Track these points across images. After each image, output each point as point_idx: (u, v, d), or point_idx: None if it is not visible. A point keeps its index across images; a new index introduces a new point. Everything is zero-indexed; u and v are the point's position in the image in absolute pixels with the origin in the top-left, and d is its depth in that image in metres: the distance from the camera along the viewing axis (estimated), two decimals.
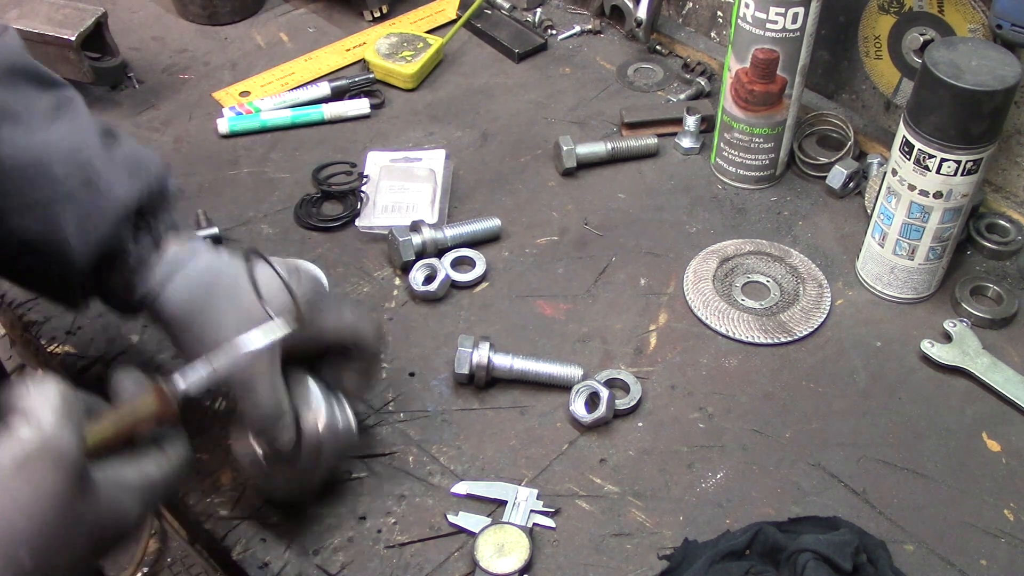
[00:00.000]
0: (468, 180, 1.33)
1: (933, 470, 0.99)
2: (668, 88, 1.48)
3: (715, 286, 1.17)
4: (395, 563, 0.92)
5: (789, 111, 1.25)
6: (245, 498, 0.96)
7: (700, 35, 1.54)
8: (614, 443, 1.02)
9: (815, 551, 0.86)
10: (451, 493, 0.97)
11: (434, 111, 1.44)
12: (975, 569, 0.91)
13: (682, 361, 1.10)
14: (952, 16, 1.17)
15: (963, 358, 1.08)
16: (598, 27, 1.59)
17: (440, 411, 1.05)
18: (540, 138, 1.39)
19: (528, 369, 1.05)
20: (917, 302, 1.16)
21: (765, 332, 1.12)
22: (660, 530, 0.94)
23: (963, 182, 1.04)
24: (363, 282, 1.19)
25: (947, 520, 0.95)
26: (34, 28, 1.34)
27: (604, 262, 1.21)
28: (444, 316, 1.15)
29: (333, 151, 1.37)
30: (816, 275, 1.18)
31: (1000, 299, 1.15)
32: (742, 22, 1.18)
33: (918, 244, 1.10)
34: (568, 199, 1.30)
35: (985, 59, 1.00)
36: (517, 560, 0.90)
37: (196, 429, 1.02)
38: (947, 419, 1.04)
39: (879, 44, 1.26)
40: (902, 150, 1.06)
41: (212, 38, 1.58)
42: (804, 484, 0.98)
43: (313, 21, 1.62)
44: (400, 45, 1.49)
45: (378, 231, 1.24)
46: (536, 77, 1.50)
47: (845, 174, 1.27)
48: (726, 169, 1.31)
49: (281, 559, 0.92)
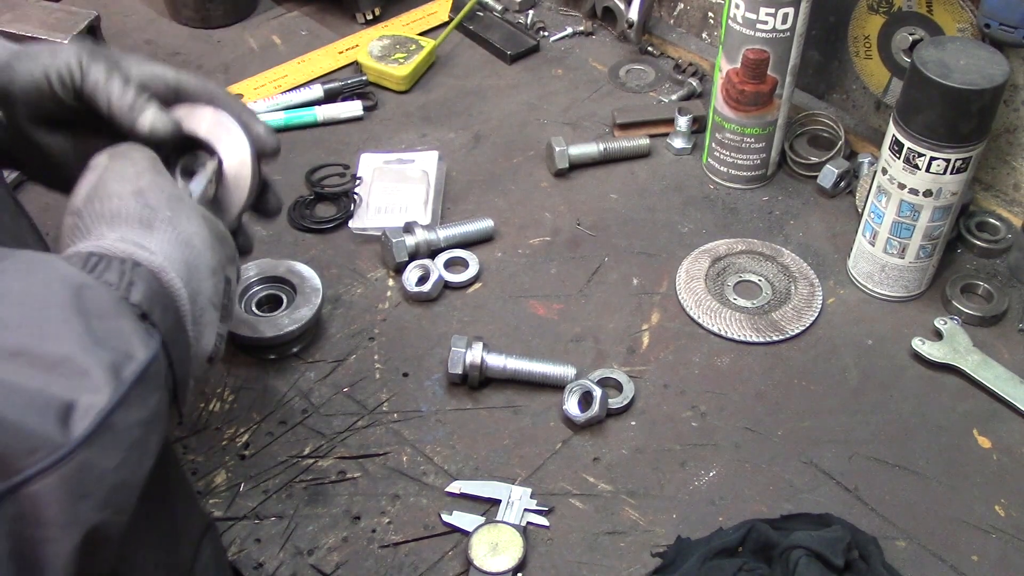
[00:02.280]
0: (461, 181, 1.33)
1: (924, 467, 1.00)
2: (660, 89, 1.48)
3: (707, 285, 1.17)
4: (389, 562, 0.92)
5: (780, 111, 1.25)
6: (240, 499, 0.96)
7: (691, 36, 1.54)
8: (607, 442, 1.02)
9: (807, 548, 0.86)
10: (445, 492, 0.97)
11: (427, 113, 1.44)
12: (966, 565, 0.92)
13: (675, 360, 1.10)
14: (941, 16, 1.18)
15: (954, 356, 1.08)
16: (590, 29, 1.60)
17: (434, 411, 1.05)
18: (532, 139, 1.39)
19: (521, 369, 1.06)
20: (908, 300, 1.17)
21: (757, 331, 1.12)
22: (653, 528, 0.95)
23: (953, 180, 1.05)
24: (357, 283, 1.19)
25: (938, 516, 0.96)
26: (27, 32, 1.34)
27: (597, 262, 1.22)
28: (437, 316, 1.15)
29: (326, 153, 1.37)
30: (807, 274, 1.19)
31: (990, 297, 1.15)
32: (732, 23, 1.19)
33: (908, 242, 1.11)
34: (561, 200, 1.30)
35: (974, 58, 1.01)
36: (511, 559, 0.90)
37: (191, 429, 1.02)
38: (938, 416, 1.05)
39: (869, 44, 1.27)
40: (892, 149, 1.06)
41: (205, 41, 1.58)
42: (796, 481, 0.99)
43: (306, 24, 1.62)
44: (393, 47, 1.50)
45: (371, 232, 1.24)
46: (528, 79, 1.51)
47: (836, 173, 1.27)
48: (718, 169, 1.32)
49: (275, 559, 0.92)
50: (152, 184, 0.68)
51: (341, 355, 1.10)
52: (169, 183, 0.70)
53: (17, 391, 0.51)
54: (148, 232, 0.65)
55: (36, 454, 0.50)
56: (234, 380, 1.08)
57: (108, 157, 0.70)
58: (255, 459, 1.00)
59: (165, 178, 0.70)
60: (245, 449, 1.01)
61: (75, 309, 0.56)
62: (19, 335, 0.53)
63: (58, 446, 0.51)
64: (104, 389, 0.54)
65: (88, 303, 0.56)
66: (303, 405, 1.05)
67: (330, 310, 1.15)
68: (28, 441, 0.50)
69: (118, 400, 0.54)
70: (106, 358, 0.55)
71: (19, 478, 0.49)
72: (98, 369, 0.54)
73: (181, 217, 0.68)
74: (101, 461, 0.53)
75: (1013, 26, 1.07)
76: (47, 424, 0.51)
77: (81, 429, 0.52)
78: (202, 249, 0.68)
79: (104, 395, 0.54)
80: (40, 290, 0.56)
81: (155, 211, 0.67)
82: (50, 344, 0.54)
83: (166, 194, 0.69)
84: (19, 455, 0.50)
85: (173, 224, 0.67)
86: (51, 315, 0.55)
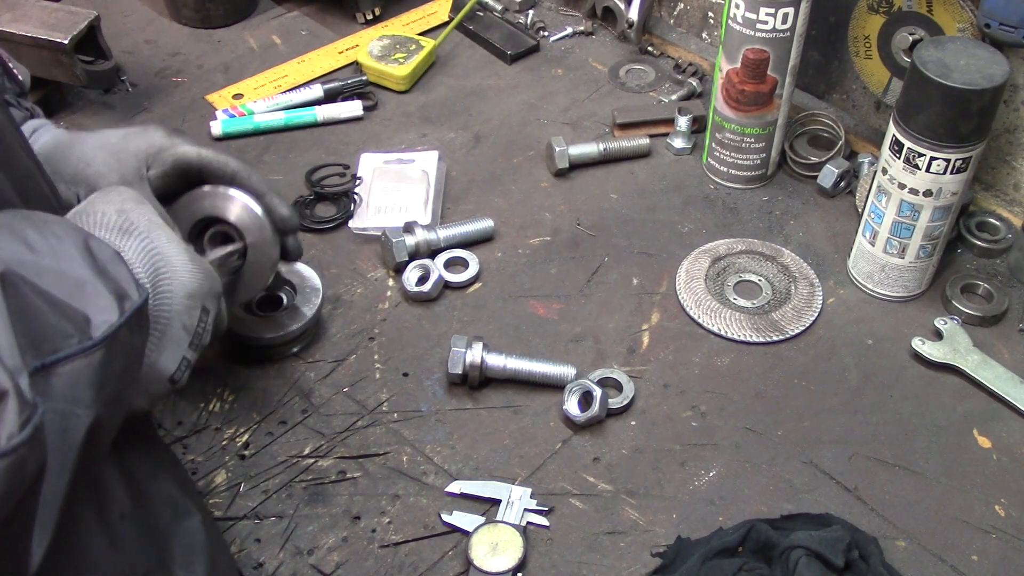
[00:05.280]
0: (461, 181, 1.33)
1: (924, 467, 1.00)
2: (660, 89, 1.48)
3: (707, 285, 1.17)
4: (389, 562, 0.92)
5: (780, 111, 1.25)
6: (240, 499, 0.96)
7: (691, 36, 1.54)
8: (607, 442, 1.02)
9: (807, 548, 0.86)
10: (445, 492, 0.97)
11: (427, 113, 1.44)
12: (966, 565, 0.92)
13: (675, 360, 1.10)
14: (941, 16, 1.18)
15: (954, 355, 1.08)
16: (590, 29, 1.60)
17: (434, 411, 1.05)
18: (533, 139, 1.39)
19: (521, 369, 1.06)
20: (908, 300, 1.17)
21: (757, 331, 1.12)
22: (653, 528, 0.95)
23: (953, 180, 1.05)
24: (357, 283, 1.19)
25: (938, 516, 0.96)
26: (27, 32, 1.34)
27: (597, 262, 1.22)
28: (437, 316, 1.15)
29: (326, 153, 1.37)
30: (808, 274, 1.19)
31: (990, 297, 1.15)
32: (732, 23, 1.19)
33: (908, 242, 1.11)
34: (561, 200, 1.30)
35: (974, 58, 1.01)
36: (511, 559, 0.90)
37: (192, 429, 1.03)
38: (938, 416, 1.05)
39: (869, 44, 1.27)
40: (892, 149, 1.06)
41: (205, 41, 1.58)
42: (796, 481, 0.99)
43: (306, 23, 1.62)
44: (393, 47, 1.50)
45: (371, 232, 1.24)
46: (528, 79, 1.51)
47: (836, 173, 1.27)
48: (718, 169, 1.32)
49: (275, 559, 0.92)
50: (135, 208, 0.78)
51: (341, 355, 1.10)
52: (151, 212, 0.79)
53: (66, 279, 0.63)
54: (124, 237, 0.75)
55: (71, 339, 0.60)
56: (234, 380, 1.08)
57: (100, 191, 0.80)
58: (255, 459, 1.00)
59: (147, 207, 0.79)
60: (245, 449, 1.01)
61: (86, 250, 0.66)
62: (48, 259, 0.63)
63: (87, 337, 0.61)
64: (113, 310, 0.64)
65: (95, 249, 0.67)
66: (303, 405, 1.05)
67: (330, 310, 1.15)
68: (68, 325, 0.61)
69: (123, 321, 0.64)
70: (113, 288, 0.65)
71: (62, 354, 0.59)
72: (108, 295, 0.65)
73: (160, 237, 0.77)
74: (111, 363, 0.63)
75: (1013, 26, 1.07)
76: (78, 319, 0.62)
77: (100, 332, 0.62)
78: (179, 269, 0.77)
79: (114, 314, 0.64)
80: (58, 232, 0.66)
81: (134, 224, 0.76)
82: (71, 269, 0.64)
83: (146, 217, 0.78)
84: (62, 335, 0.60)
85: (151, 238, 0.76)
86: (68, 251, 0.65)
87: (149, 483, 0.78)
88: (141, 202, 0.79)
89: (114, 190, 0.80)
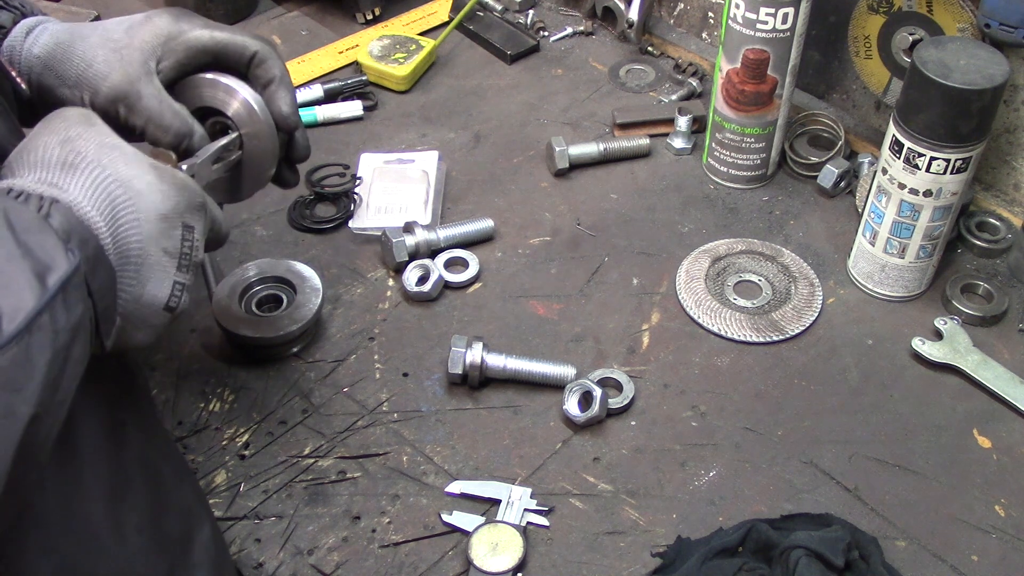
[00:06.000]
0: (461, 181, 1.33)
1: (924, 467, 1.00)
2: (660, 89, 1.48)
3: (707, 285, 1.17)
4: (389, 562, 0.92)
5: (780, 111, 1.25)
6: (240, 499, 0.96)
7: (691, 36, 1.54)
8: (607, 442, 1.02)
9: (807, 548, 0.86)
10: (445, 492, 0.97)
11: (427, 113, 1.44)
12: (966, 564, 0.92)
13: (675, 360, 1.10)
14: (941, 16, 1.18)
15: (954, 355, 1.08)
16: (590, 29, 1.60)
17: (434, 411, 1.05)
18: (533, 139, 1.39)
19: (521, 369, 1.06)
20: (908, 300, 1.17)
21: (757, 331, 1.12)
22: (653, 528, 0.95)
23: (953, 180, 1.05)
24: (357, 283, 1.19)
25: (938, 516, 0.96)
26: None
27: (597, 262, 1.22)
28: (437, 316, 1.15)
29: (326, 153, 1.37)
30: (808, 274, 1.19)
31: (990, 297, 1.15)
32: (733, 23, 1.19)
33: (908, 242, 1.11)
34: (561, 200, 1.30)
35: (974, 58, 1.01)
36: (511, 559, 0.90)
37: (192, 429, 1.03)
38: (938, 416, 1.05)
39: (869, 44, 1.27)
40: (892, 149, 1.06)
41: None
42: (796, 481, 0.99)
43: (306, 24, 1.62)
44: (393, 47, 1.50)
45: (371, 232, 1.24)
46: (528, 78, 1.51)
47: (836, 173, 1.27)
48: (718, 169, 1.32)
49: (275, 559, 0.92)
50: (81, 134, 0.71)
51: (341, 355, 1.10)
52: (103, 134, 0.72)
53: None
54: (69, 173, 0.69)
55: None
56: (234, 380, 1.08)
57: (44, 119, 0.73)
58: (255, 459, 1.00)
59: (98, 129, 0.72)
60: (245, 449, 1.01)
61: (4, 224, 0.60)
62: None
63: None
64: (31, 294, 0.59)
65: (14, 219, 0.61)
66: (303, 405, 1.05)
67: (330, 310, 1.15)
68: None
69: (44, 304, 0.59)
70: (32, 267, 0.60)
71: None
72: (27, 275, 0.59)
73: (116, 162, 0.70)
74: (33, 356, 0.58)
75: (1013, 26, 1.07)
76: None
77: (11, 329, 0.57)
78: (144, 192, 0.70)
79: (31, 299, 0.59)
80: None
81: (81, 155, 0.70)
82: None
83: (95, 142, 0.71)
84: None
85: (102, 165, 0.70)
86: None
87: (171, 491, 0.77)
88: (91, 123, 0.72)
89: (57, 116, 0.73)
